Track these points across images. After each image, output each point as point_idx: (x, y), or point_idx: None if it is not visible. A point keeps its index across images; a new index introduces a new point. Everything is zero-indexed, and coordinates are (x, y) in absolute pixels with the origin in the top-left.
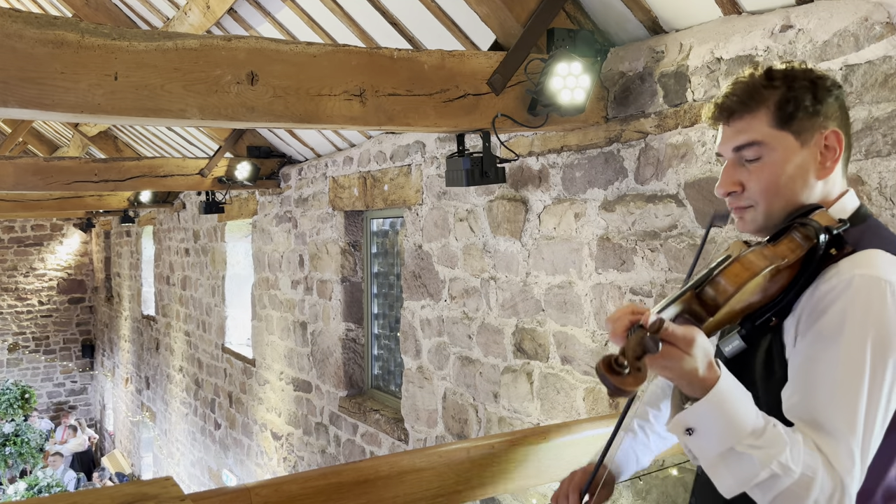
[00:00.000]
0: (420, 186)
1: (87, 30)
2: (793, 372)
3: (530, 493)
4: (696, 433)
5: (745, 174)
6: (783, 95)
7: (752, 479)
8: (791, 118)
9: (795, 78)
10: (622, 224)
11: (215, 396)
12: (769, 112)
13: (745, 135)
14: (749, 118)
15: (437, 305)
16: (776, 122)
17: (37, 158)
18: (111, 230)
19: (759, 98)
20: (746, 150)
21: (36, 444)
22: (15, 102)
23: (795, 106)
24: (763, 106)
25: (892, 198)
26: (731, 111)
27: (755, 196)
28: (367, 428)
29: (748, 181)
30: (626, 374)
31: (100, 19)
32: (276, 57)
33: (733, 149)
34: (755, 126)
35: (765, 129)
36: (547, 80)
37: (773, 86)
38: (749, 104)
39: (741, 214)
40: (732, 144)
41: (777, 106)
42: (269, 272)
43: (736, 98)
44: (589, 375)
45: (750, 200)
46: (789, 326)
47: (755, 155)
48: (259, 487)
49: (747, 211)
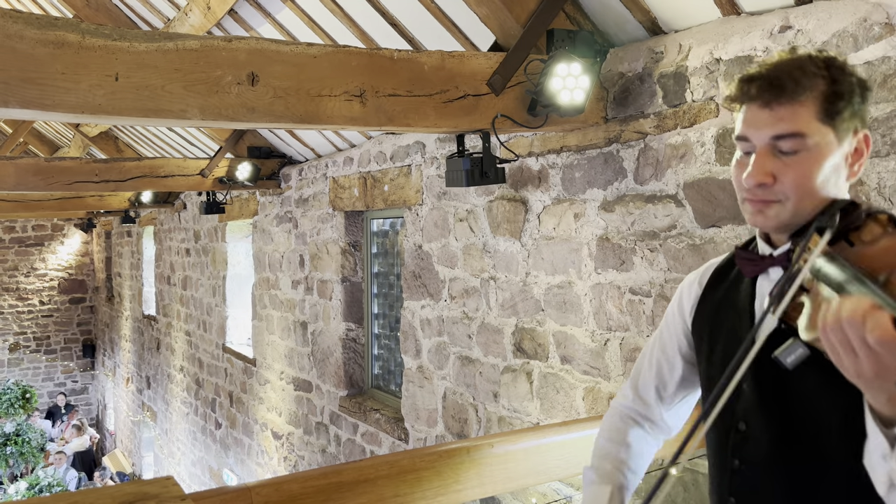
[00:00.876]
0: (420, 187)
1: (88, 30)
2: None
3: (530, 493)
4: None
5: (780, 166)
6: (832, 88)
7: None
8: (838, 114)
9: (840, 70)
10: (621, 224)
11: (216, 396)
12: (817, 102)
13: (789, 123)
14: (797, 105)
15: (437, 305)
16: (822, 115)
17: (38, 159)
18: (112, 230)
19: (811, 84)
20: (785, 141)
21: (37, 443)
22: (16, 103)
23: (847, 101)
24: (811, 93)
25: (891, 198)
26: (781, 92)
27: (788, 191)
28: (368, 427)
29: (781, 174)
30: None
31: (100, 20)
32: (276, 58)
33: (772, 136)
34: (802, 115)
35: (811, 120)
36: (546, 81)
37: (820, 73)
38: (800, 89)
39: (762, 208)
40: (772, 132)
41: (825, 97)
42: (270, 272)
43: (788, 78)
44: (588, 375)
45: (780, 195)
46: None
47: (794, 148)
48: (260, 487)
49: (772, 206)
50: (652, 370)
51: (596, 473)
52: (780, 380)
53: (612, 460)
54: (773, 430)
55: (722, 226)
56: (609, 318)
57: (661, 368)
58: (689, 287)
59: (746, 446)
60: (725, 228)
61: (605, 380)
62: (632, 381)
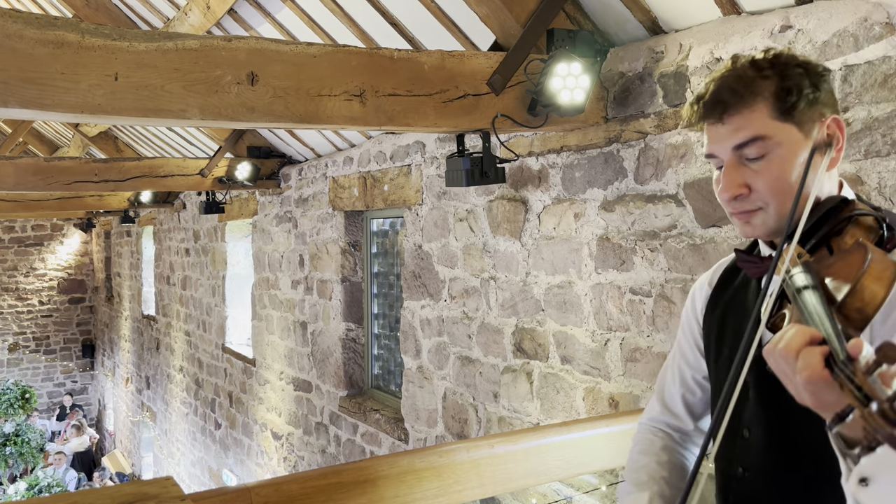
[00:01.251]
0: (420, 186)
1: (88, 30)
2: None
3: (530, 493)
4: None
5: (750, 174)
6: (779, 84)
7: None
8: (793, 108)
9: (787, 65)
10: (622, 224)
11: (215, 396)
12: (768, 103)
13: (745, 131)
14: (747, 112)
15: (437, 305)
16: (777, 114)
17: (37, 159)
18: (111, 230)
19: (755, 88)
20: (748, 148)
21: (36, 443)
22: (15, 103)
23: (798, 94)
24: (760, 97)
25: (892, 198)
26: (725, 106)
27: (765, 197)
28: (368, 428)
29: (754, 181)
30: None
31: (100, 20)
32: (276, 57)
33: (733, 148)
34: (755, 119)
35: (767, 121)
36: (547, 81)
37: (764, 75)
38: (745, 97)
39: (748, 219)
40: (731, 143)
41: (776, 96)
42: (270, 272)
43: (728, 91)
44: (588, 375)
45: (759, 202)
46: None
47: (759, 152)
48: (259, 487)
49: (756, 214)
50: (676, 380)
51: (632, 484)
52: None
53: (648, 471)
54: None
55: (722, 225)
56: (609, 318)
57: (685, 375)
58: (701, 288)
59: (749, 453)
60: (726, 228)
61: (605, 380)
62: (657, 394)
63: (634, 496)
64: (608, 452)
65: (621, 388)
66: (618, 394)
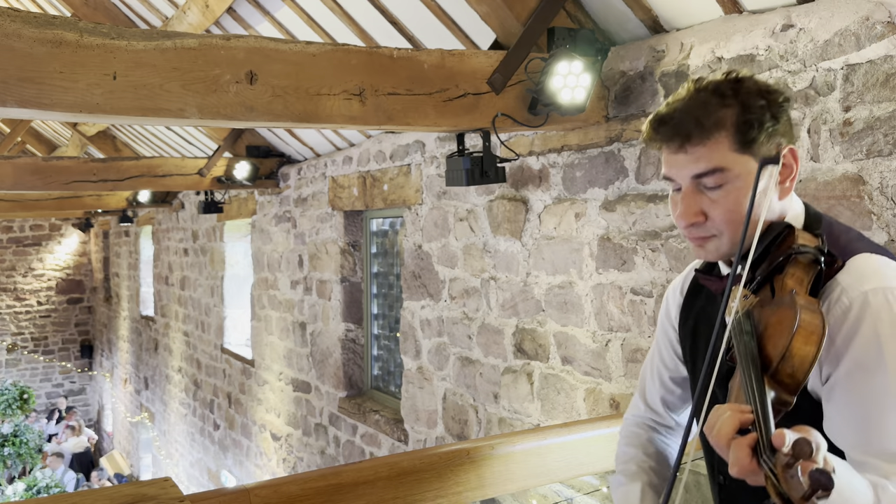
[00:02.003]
0: (420, 186)
1: (86, 29)
2: (836, 409)
3: (530, 493)
4: None
5: (707, 202)
6: (741, 117)
7: None
8: (753, 141)
9: (749, 94)
10: (623, 224)
11: (214, 397)
12: (729, 135)
13: (706, 162)
14: (710, 143)
15: (437, 305)
16: (737, 146)
17: (35, 158)
18: (110, 230)
19: (717, 119)
20: (707, 178)
21: (35, 444)
22: (13, 102)
23: (758, 128)
24: (722, 129)
25: (894, 197)
26: (688, 136)
27: (720, 226)
28: (367, 429)
29: (710, 209)
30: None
31: (98, 19)
32: (275, 56)
33: (692, 176)
34: (716, 151)
35: (726, 153)
36: (547, 80)
37: (726, 104)
38: (707, 128)
39: (702, 244)
40: (692, 171)
41: (736, 128)
42: (269, 272)
43: (692, 121)
44: (589, 376)
45: (714, 230)
46: None
47: (717, 182)
48: (258, 488)
49: (710, 241)
50: (655, 381)
51: (623, 476)
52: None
53: (636, 461)
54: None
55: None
56: (610, 319)
57: (663, 377)
58: (673, 294)
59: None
60: None
61: (606, 381)
62: (639, 392)
63: (626, 487)
64: (609, 453)
65: (622, 389)
66: (619, 395)
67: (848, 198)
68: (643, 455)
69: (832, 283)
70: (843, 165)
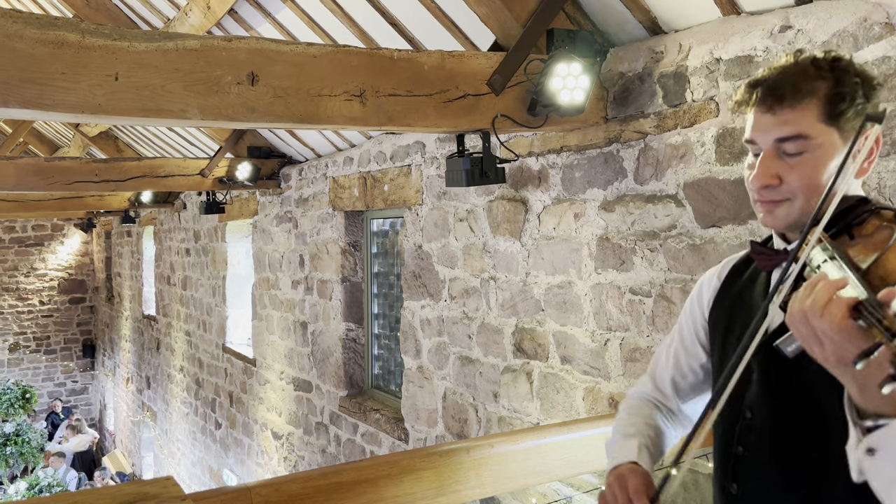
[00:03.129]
0: (420, 186)
1: (88, 30)
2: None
3: (530, 492)
4: (879, 453)
5: (784, 167)
6: (834, 89)
7: None
8: (841, 114)
9: (845, 71)
10: (621, 224)
11: (216, 396)
12: (819, 105)
13: (792, 126)
14: (800, 109)
15: (437, 305)
16: (825, 117)
17: (37, 159)
18: (112, 230)
19: (811, 88)
20: (789, 143)
21: (37, 443)
22: (16, 103)
23: (849, 102)
24: (814, 97)
25: (892, 198)
26: (782, 97)
27: (794, 190)
28: (368, 427)
29: (787, 175)
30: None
31: (100, 20)
32: (276, 57)
33: (775, 139)
34: (804, 118)
35: (813, 122)
36: (546, 81)
37: (822, 76)
38: (800, 93)
39: (772, 209)
40: (776, 135)
41: (828, 99)
42: (270, 272)
43: (789, 84)
44: (588, 375)
45: (788, 194)
46: None
47: (798, 149)
48: (260, 487)
49: (781, 205)
50: (670, 361)
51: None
52: (784, 369)
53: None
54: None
55: (722, 226)
56: (609, 319)
57: (679, 358)
58: (709, 280)
59: (750, 434)
60: (725, 228)
61: (605, 380)
62: (650, 373)
63: (622, 443)
64: None
65: (621, 388)
66: (618, 394)
67: None
68: (643, 423)
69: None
70: None
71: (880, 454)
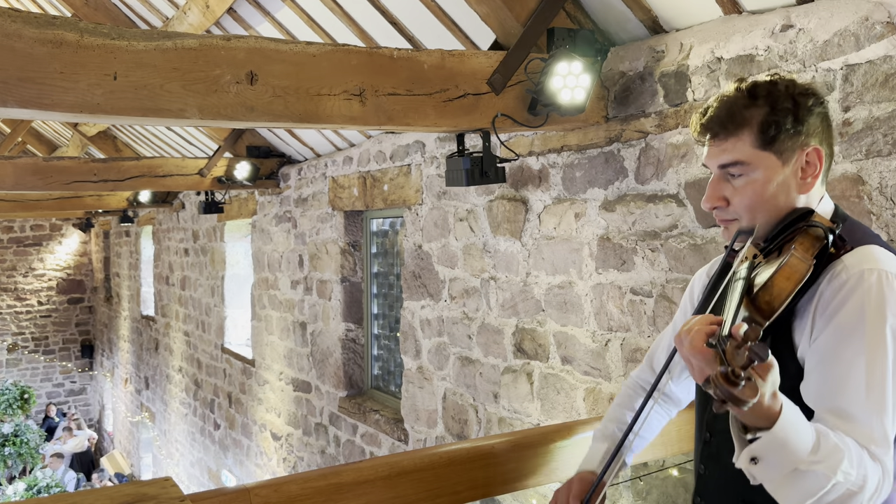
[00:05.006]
0: (420, 186)
1: (87, 29)
2: (812, 366)
3: (530, 493)
4: (761, 462)
5: (730, 189)
6: (766, 117)
7: (819, 491)
8: (773, 140)
9: (778, 97)
10: (622, 224)
11: (215, 397)
12: (752, 133)
13: (729, 154)
14: (733, 139)
15: (437, 305)
16: (759, 143)
17: (36, 158)
18: (110, 230)
19: (742, 120)
20: (731, 168)
21: (35, 444)
22: (14, 102)
23: (777, 129)
24: (746, 127)
25: (893, 197)
26: (715, 132)
27: (739, 211)
28: (367, 428)
29: (733, 196)
30: (743, 385)
31: (99, 19)
32: (275, 56)
33: (718, 166)
34: (739, 147)
35: (748, 149)
36: (547, 80)
37: (756, 105)
38: (731, 126)
39: (726, 226)
40: (717, 162)
41: (760, 128)
42: (269, 272)
43: (719, 120)
44: (589, 376)
45: (735, 214)
46: (800, 326)
47: (740, 172)
48: (258, 488)
49: (732, 223)
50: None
51: (600, 433)
52: None
53: (618, 422)
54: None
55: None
56: (610, 319)
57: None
58: (700, 277)
59: (717, 420)
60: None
61: (605, 380)
62: (647, 359)
63: (594, 446)
64: None
65: None
66: None
67: (847, 198)
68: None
69: (838, 261)
70: (843, 165)
71: (763, 463)
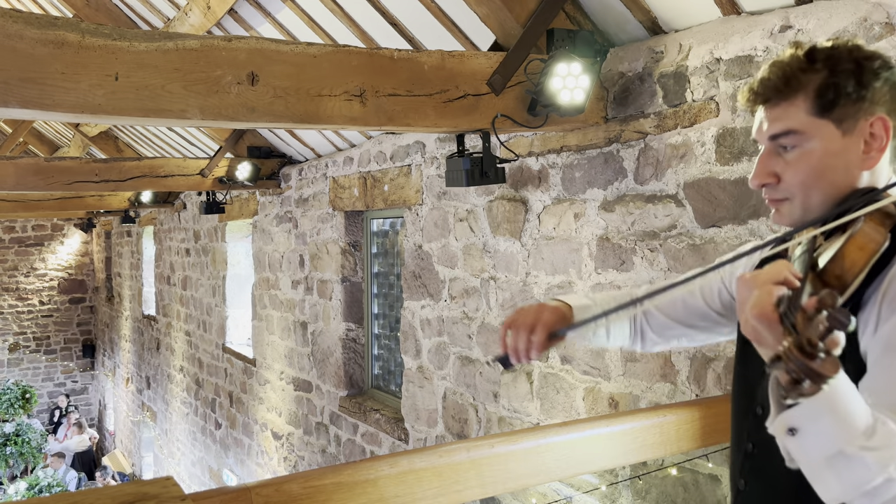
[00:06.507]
0: (420, 186)
1: (88, 30)
2: (875, 359)
3: (530, 492)
4: (800, 433)
5: (782, 164)
6: (824, 80)
7: (865, 484)
8: (832, 105)
9: (839, 59)
10: (622, 224)
11: (216, 396)
12: (808, 99)
13: (782, 123)
14: (786, 105)
15: (437, 305)
16: (815, 110)
17: (37, 159)
18: (112, 230)
19: (797, 83)
20: (783, 139)
21: (36, 443)
22: (16, 103)
23: (836, 92)
24: (801, 92)
25: None
26: (766, 98)
27: (791, 188)
28: (368, 428)
29: (784, 172)
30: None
31: (100, 20)
32: (276, 57)
33: (769, 137)
34: (792, 114)
35: (802, 116)
36: (546, 81)
37: (814, 69)
38: (785, 90)
39: (777, 207)
40: (770, 132)
41: (817, 93)
42: (270, 272)
43: (772, 83)
44: (588, 375)
45: (786, 192)
46: (864, 318)
47: (793, 144)
48: (260, 487)
49: (783, 203)
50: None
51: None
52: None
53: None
54: None
55: (722, 226)
56: None
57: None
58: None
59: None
60: (726, 228)
61: (605, 380)
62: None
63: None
64: (608, 452)
65: (621, 389)
66: (618, 394)
67: None
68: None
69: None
70: None
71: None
